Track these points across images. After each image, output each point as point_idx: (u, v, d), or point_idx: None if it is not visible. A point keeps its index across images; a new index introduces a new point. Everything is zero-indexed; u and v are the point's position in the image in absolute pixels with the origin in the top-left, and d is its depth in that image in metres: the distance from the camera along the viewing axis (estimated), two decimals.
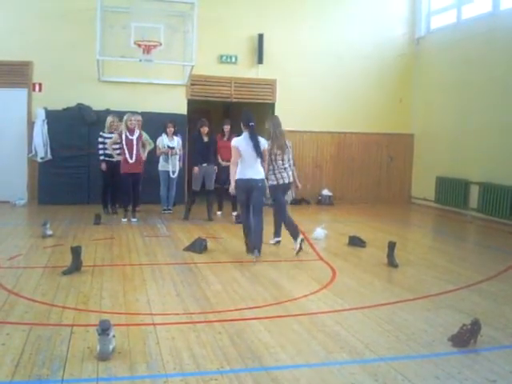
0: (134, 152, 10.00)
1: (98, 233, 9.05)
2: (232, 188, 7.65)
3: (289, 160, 8.30)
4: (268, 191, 7.99)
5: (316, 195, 13.80)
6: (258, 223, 7.54)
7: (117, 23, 10.49)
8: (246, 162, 7.49)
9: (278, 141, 8.11)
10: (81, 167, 12.12)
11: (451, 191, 12.76)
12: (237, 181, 7.54)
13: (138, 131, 10.16)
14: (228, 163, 10.27)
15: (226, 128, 11.00)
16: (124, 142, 9.99)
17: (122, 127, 10.13)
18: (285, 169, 8.18)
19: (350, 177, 14.26)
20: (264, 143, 7.68)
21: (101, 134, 10.78)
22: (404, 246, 8.37)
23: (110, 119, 10.82)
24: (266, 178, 7.87)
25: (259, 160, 7.53)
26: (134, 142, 10.00)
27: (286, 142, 8.33)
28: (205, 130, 10.62)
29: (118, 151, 10.22)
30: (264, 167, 7.70)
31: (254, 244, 7.49)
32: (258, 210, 7.54)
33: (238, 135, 7.90)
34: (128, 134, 10.01)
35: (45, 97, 12.13)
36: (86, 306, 5.23)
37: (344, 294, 5.86)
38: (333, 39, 13.73)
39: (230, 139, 10.81)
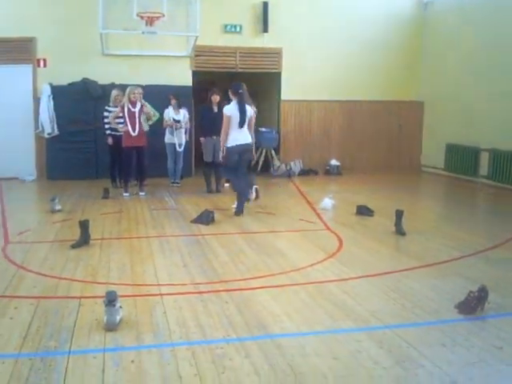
0: (137, 125, 9.88)
1: (106, 207, 9.07)
2: (222, 156, 8.41)
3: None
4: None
5: (324, 165, 13.73)
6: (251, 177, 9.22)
7: None
8: (236, 129, 8.18)
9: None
10: (88, 142, 12.08)
11: (461, 159, 12.67)
12: (231, 147, 8.22)
13: (140, 104, 10.01)
14: None
15: None
16: (126, 115, 9.85)
17: (125, 100, 9.98)
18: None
19: (359, 146, 14.13)
20: (251, 111, 8.40)
21: (106, 107, 10.72)
22: (412, 215, 8.32)
23: (115, 92, 10.75)
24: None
25: (246, 125, 8.24)
26: (137, 115, 9.86)
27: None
28: (216, 98, 10.36)
29: (121, 125, 10.14)
30: (251, 133, 8.44)
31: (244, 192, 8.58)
32: (249, 169, 9.02)
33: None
34: (130, 106, 9.86)
35: (50, 72, 12.04)
36: (93, 279, 5.27)
37: (350, 263, 5.86)
38: (339, 5, 13.48)
39: None
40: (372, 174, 13.47)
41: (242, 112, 8.11)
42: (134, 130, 9.86)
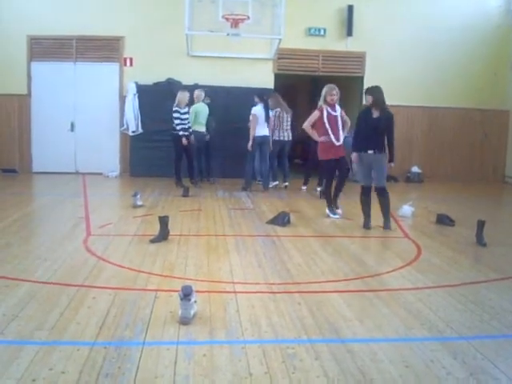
0: (340, 132, 8.36)
1: (185, 204, 9.28)
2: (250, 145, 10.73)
3: None
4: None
5: (405, 172, 13.49)
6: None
7: None
8: (261, 125, 10.71)
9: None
10: (170, 141, 12.24)
11: None
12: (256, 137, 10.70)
13: (339, 108, 8.48)
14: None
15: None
16: (326, 121, 8.27)
17: (320, 103, 8.42)
18: None
19: (441, 153, 13.83)
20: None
21: (176, 109, 10.71)
22: (495, 226, 8.04)
23: (186, 94, 10.81)
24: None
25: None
26: (339, 120, 8.34)
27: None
28: (370, 99, 7.63)
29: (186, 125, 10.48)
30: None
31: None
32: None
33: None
34: (330, 110, 8.33)
35: (136, 71, 12.48)
36: (170, 273, 5.39)
37: (428, 272, 5.73)
38: (424, 10, 13.26)
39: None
40: (454, 182, 13.14)
41: (266, 113, 10.81)
42: (338, 139, 8.34)
